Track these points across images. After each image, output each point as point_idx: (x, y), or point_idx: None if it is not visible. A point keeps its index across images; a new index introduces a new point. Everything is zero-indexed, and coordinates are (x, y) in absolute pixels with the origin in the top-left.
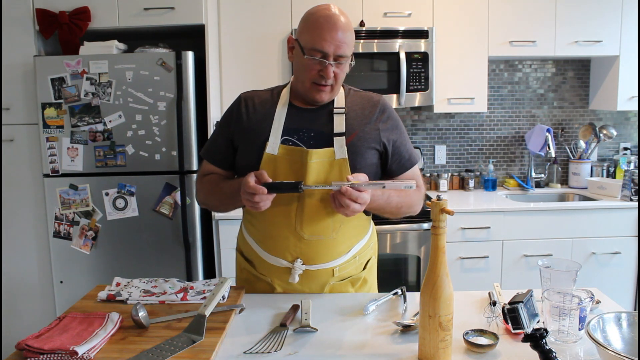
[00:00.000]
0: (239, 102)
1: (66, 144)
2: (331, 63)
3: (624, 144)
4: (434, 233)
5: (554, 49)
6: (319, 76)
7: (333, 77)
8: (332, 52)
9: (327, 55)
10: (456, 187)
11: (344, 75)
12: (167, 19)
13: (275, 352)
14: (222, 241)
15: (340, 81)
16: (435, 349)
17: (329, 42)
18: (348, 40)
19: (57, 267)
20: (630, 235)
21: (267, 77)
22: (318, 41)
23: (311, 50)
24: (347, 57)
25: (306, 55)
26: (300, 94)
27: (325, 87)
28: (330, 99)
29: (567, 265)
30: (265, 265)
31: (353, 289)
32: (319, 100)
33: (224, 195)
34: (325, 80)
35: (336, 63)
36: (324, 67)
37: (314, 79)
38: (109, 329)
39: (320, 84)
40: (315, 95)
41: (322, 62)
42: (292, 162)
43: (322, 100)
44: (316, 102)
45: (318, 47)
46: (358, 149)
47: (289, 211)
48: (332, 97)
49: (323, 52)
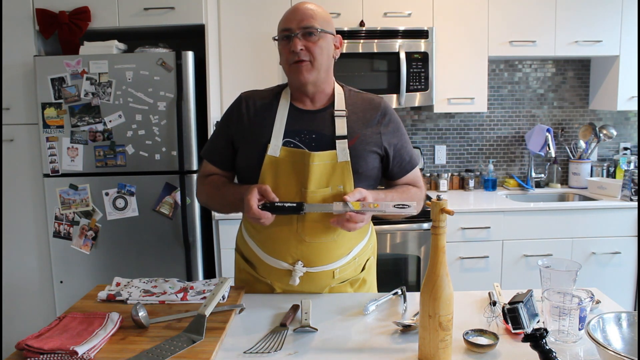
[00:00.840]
0: (239, 102)
1: (66, 144)
2: (296, 34)
3: (624, 144)
4: (434, 233)
5: (554, 49)
6: (291, 54)
7: (307, 52)
8: (295, 25)
9: (292, 29)
10: (456, 187)
11: (320, 52)
12: (167, 19)
13: (275, 352)
14: (222, 241)
15: (319, 59)
16: (435, 349)
17: (292, 18)
18: (314, 14)
19: (57, 267)
20: (630, 235)
21: (267, 77)
22: (283, 22)
23: (281, 31)
24: (315, 29)
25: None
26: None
27: (301, 63)
28: (315, 77)
29: (567, 265)
30: (265, 267)
31: (352, 289)
32: (302, 80)
33: (226, 202)
34: (298, 55)
35: (304, 35)
36: (291, 42)
37: (289, 59)
38: (109, 329)
39: (296, 62)
40: (296, 76)
41: (289, 36)
42: (294, 165)
43: (304, 80)
44: (301, 82)
45: (283, 26)
46: (360, 152)
47: None
48: (316, 76)
49: (288, 28)
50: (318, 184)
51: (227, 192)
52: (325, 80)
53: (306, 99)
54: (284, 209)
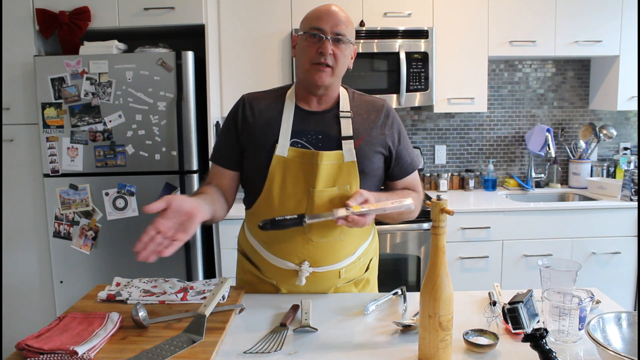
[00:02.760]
0: (242, 105)
1: (66, 143)
2: (328, 38)
3: (624, 144)
4: (434, 233)
5: (554, 49)
6: (317, 54)
7: (332, 57)
8: (329, 28)
9: (325, 31)
10: (456, 187)
11: (344, 60)
12: (167, 19)
13: (275, 352)
14: (222, 241)
15: (340, 67)
16: (435, 349)
17: (326, 20)
18: (347, 23)
19: (57, 267)
20: (630, 235)
21: (267, 77)
22: (315, 21)
23: (310, 28)
24: (346, 38)
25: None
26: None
27: (324, 67)
28: (330, 83)
29: (567, 265)
30: (270, 268)
31: (356, 289)
32: (318, 82)
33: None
34: (325, 57)
35: (334, 41)
36: (322, 44)
37: (313, 59)
38: (109, 329)
39: (319, 64)
40: (314, 75)
41: (320, 37)
42: (303, 164)
43: (322, 82)
44: (316, 84)
45: (315, 25)
46: (365, 152)
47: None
48: (332, 82)
49: (321, 28)
50: (326, 184)
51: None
52: (336, 86)
53: (312, 100)
54: (286, 223)
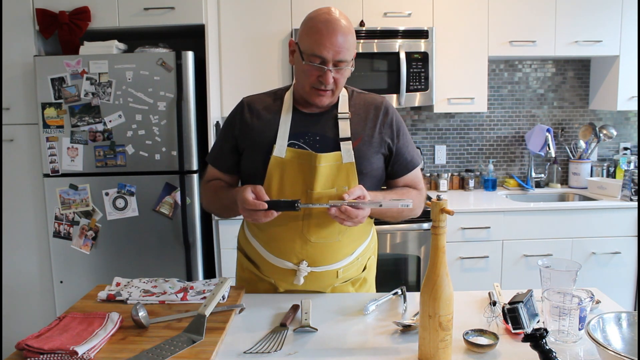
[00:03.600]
0: (242, 107)
1: (66, 143)
2: (330, 69)
3: (624, 144)
4: (434, 233)
5: (554, 49)
6: (318, 81)
7: (333, 82)
8: (330, 57)
9: (326, 61)
10: (456, 187)
11: (344, 80)
12: (167, 19)
13: (275, 352)
14: (222, 241)
15: (341, 85)
16: (435, 349)
17: (328, 48)
18: (348, 44)
19: (57, 267)
20: (630, 235)
21: (267, 77)
22: (317, 47)
23: (310, 56)
24: (347, 62)
25: (305, 61)
26: (303, 100)
27: (325, 91)
28: (331, 102)
29: (567, 265)
30: (269, 267)
31: (353, 288)
32: (319, 104)
33: (222, 205)
34: (325, 85)
35: (336, 69)
36: (323, 73)
37: (314, 84)
38: (109, 329)
39: (319, 89)
40: (315, 99)
41: (321, 67)
42: (301, 166)
43: (322, 104)
44: (317, 105)
45: (317, 53)
46: (364, 153)
47: (296, 214)
48: (332, 101)
49: (322, 58)
50: (324, 185)
51: (223, 196)
52: None
53: (310, 105)
54: (279, 205)
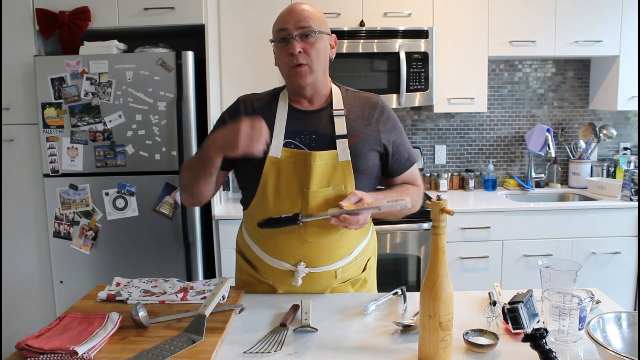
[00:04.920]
0: (238, 105)
1: (66, 143)
2: (294, 37)
3: (624, 144)
4: (434, 233)
5: (554, 49)
6: (289, 56)
7: (305, 55)
8: (292, 26)
9: (289, 30)
10: (456, 187)
11: (317, 54)
12: (167, 19)
13: (275, 352)
14: (222, 241)
15: (317, 61)
16: (435, 349)
17: (288, 18)
18: (310, 14)
19: (57, 267)
20: (630, 235)
21: (267, 77)
22: (280, 23)
23: (276, 33)
24: (311, 30)
25: (275, 43)
26: (294, 93)
27: (300, 66)
28: (313, 80)
29: (567, 265)
30: (267, 269)
31: (353, 289)
32: (301, 83)
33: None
34: (297, 58)
35: (302, 36)
36: (289, 44)
37: (288, 63)
38: (109, 329)
39: (295, 66)
40: (295, 79)
41: (286, 38)
42: (296, 165)
43: (304, 83)
44: (300, 86)
45: (280, 27)
46: (360, 150)
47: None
48: (314, 80)
49: (284, 29)
50: (320, 184)
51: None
52: (323, 81)
53: (304, 100)
54: (281, 221)
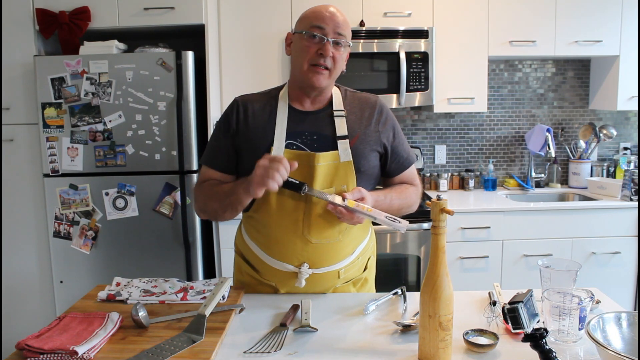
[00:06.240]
0: (236, 107)
1: (66, 143)
2: (329, 40)
3: (624, 143)
4: (434, 233)
5: (554, 49)
6: (317, 55)
7: (332, 60)
8: (331, 29)
9: (327, 32)
10: (456, 187)
11: (341, 64)
12: (167, 19)
13: (275, 352)
14: (222, 241)
15: (337, 69)
16: (435, 349)
17: (328, 20)
18: (346, 25)
19: (57, 267)
20: (630, 235)
21: (267, 77)
22: (317, 20)
23: (311, 27)
24: (345, 41)
25: (305, 35)
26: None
27: (322, 69)
28: (327, 85)
29: (567, 265)
30: (269, 270)
31: (355, 289)
32: (316, 84)
33: (224, 193)
34: (325, 59)
35: (334, 44)
36: (323, 45)
37: (312, 60)
38: (109, 329)
39: (318, 65)
40: (312, 77)
41: (322, 38)
42: (299, 166)
43: (319, 85)
44: (313, 86)
45: (317, 24)
46: (361, 151)
47: (295, 216)
48: (328, 84)
49: (322, 28)
50: (322, 184)
51: (221, 189)
52: (330, 87)
53: (306, 100)
54: (287, 184)
